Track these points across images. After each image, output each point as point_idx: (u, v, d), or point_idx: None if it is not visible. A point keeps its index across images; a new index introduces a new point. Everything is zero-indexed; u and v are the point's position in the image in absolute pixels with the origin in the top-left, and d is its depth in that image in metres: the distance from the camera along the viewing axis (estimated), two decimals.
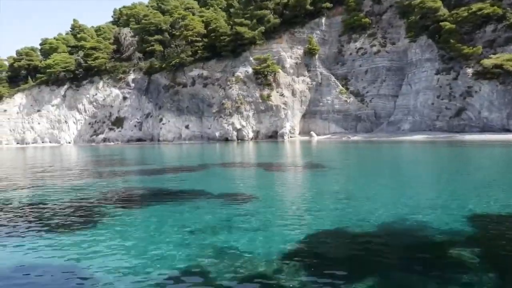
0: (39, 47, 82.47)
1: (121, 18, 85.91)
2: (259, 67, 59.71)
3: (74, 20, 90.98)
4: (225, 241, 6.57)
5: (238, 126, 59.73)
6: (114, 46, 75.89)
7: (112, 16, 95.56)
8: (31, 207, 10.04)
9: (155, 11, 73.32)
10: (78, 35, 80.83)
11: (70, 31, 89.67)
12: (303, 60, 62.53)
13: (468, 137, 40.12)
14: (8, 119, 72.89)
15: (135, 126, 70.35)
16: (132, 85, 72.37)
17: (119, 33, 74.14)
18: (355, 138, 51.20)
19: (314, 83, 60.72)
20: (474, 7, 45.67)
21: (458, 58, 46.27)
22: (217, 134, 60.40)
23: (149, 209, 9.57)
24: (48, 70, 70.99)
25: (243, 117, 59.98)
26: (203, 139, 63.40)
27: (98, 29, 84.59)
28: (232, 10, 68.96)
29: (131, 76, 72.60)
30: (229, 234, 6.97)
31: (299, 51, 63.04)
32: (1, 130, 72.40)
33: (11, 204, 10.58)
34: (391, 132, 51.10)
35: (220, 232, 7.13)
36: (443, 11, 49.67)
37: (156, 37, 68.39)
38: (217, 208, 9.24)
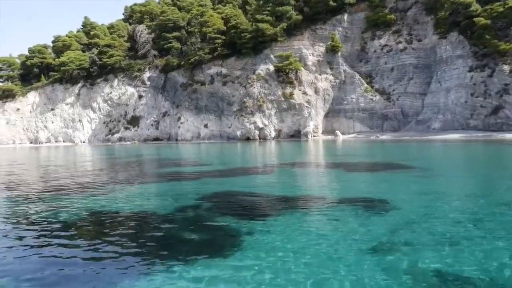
0: (51, 44, 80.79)
1: (134, 16, 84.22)
2: (281, 65, 58.30)
3: (85, 17, 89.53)
4: (433, 261, 5.18)
5: (260, 125, 58.32)
6: (128, 44, 74.49)
7: (123, 14, 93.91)
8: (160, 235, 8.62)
9: (173, 7, 71.74)
10: (91, 33, 79.31)
11: (81, 28, 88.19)
12: (325, 58, 61.14)
13: (509, 135, 38.74)
14: (21, 118, 71.43)
15: (151, 125, 68.90)
16: (148, 83, 70.94)
17: (134, 30, 72.50)
18: (384, 137, 49.84)
19: (337, 81, 59.32)
20: (511, 2, 44.27)
21: (493, 55, 44.95)
22: (238, 133, 58.98)
23: (286, 219, 8.05)
24: (62, 68, 69.53)
25: (265, 116, 58.58)
26: (222, 139, 61.97)
27: (110, 27, 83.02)
28: (251, 7, 67.49)
29: (147, 74, 71.18)
30: (418, 252, 5.56)
31: (321, 48, 61.68)
32: (14, 129, 70.92)
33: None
34: (420, 131, 49.71)
35: (407, 250, 5.71)
36: (476, 6, 48.30)
37: (174, 34, 66.91)
38: (362, 217, 7.82)
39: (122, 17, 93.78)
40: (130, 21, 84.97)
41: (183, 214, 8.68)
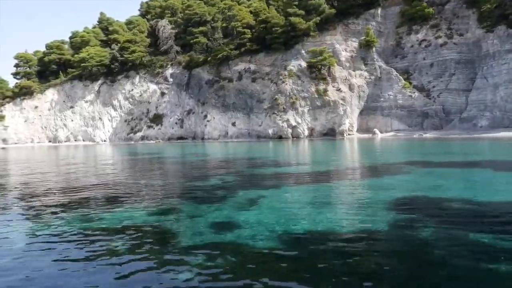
0: (67, 40, 78.41)
1: (152, 11, 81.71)
2: (314, 60, 56.01)
3: (101, 13, 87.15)
4: None
5: (293, 123, 56.03)
6: (149, 40, 72.15)
7: (139, 10, 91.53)
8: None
9: (198, 1, 69.35)
10: (109, 28, 76.93)
11: (97, 24, 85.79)
12: (359, 53, 58.90)
13: None
14: (40, 116, 69.04)
15: (175, 123, 66.58)
16: (171, 80, 68.63)
17: (155, 26, 70.11)
18: (428, 135, 47.53)
19: (372, 77, 57.04)
20: None
21: None
22: (270, 131, 56.67)
23: None
24: (82, 64, 67.13)
25: (298, 114, 56.29)
26: (250, 137, 59.64)
27: (128, 22, 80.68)
28: (277, 2, 65.09)
29: (169, 71, 68.87)
30: None
31: (353, 43, 59.44)
32: (32, 127, 68.54)
33: None
34: (466, 129, 47.42)
35: None
36: None
37: (201, 28, 64.54)
38: None
39: (138, 13, 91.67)
40: (147, 17, 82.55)
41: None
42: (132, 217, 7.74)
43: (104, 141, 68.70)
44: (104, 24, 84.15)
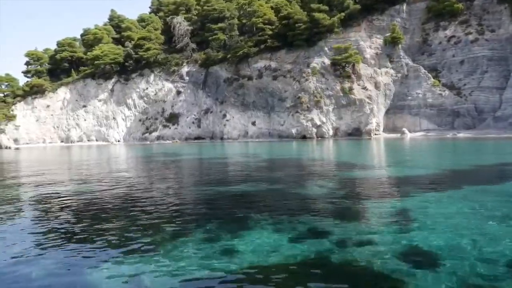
0: (78, 38, 76.38)
1: (165, 8, 79.52)
2: (339, 57, 54.09)
3: (112, 10, 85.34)
4: None
5: (318, 123, 54.10)
6: (163, 37, 70.14)
7: (150, 7, 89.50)
8: None
9: None
10: (122, 25, 74.93)
11: (108, 22, 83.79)
12: (384, 50, 57.06)
13: None
14: (52, 115, 66.96)
15: (192, 123, 64.56)
16: (186, 78, 66.66)
17: (171, 22, 68.05)
18: (461, 135, 45.62)
19: (399, 75, 55.17)
20: None
21: None
22: (293, 131, 54.73)
23: None
24: (96, 62, 65.06)
25: (322, 113, 54.38)
26: (271, 137, 57.68)
27: (140, 20, 78.69)
28: None
29: (185, 69, 66.89)
30: None
31: (378, 40, 57.62)
32: (44, 127, 66.45)
33: None
34: (501, 129, 45.50)
35: None
36: None
37: (220, 25, 62.54)
38: None
39: (148, 10, 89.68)
40: (159, 14, 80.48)
41: None
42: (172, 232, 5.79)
43: (118, 141, 66.65)
44: (115, 22, 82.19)
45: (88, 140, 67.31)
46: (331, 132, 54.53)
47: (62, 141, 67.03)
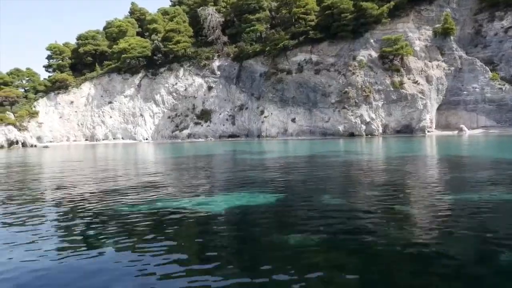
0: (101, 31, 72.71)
1: (189, 0, 75.90)
2: (390, 49, 50.60)
3: (133, 3, 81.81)
4: None
5: (367, 119, 50.64)
6: (191, 29, 66.55)
7: (171, 0, 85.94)
8: None
9: None
10: (148, 17, 71.34)
11: (129, 15, 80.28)
12: (433, 42, 53.61)
13: None
14: (76, 112, 63.36)
15: (226, 119, 61.05)
16: (218, 72, 63.14)
17: (201, 14, 64.40)
18: None
19: (452, 68, 51.71)
20: None
21: None
22: (340, 128, 51.28)
23: None
24: (123, 56, 61.41)
25: (372, 108, 50.92)
26: (313, 134, 54.19)
27: (164, 12, 75.07)
28: None
29: (216, 63, 63.38)
30: None
31: (427, 32, 54.18)
32: (68, 124, 62.85)
33: None
34: None
35: None
36: None
37: (258, 15, 58.99)
38: None
39: (169, 3, 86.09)
40: (181, 7, 76.78)
41: None
42: None
43: (146, 139, 63.09)
44: (137, 15, 78.77)
45: (114, 138, 63.76)
46: (380, 129, 51.09)
47: (86, 140, 63.47)
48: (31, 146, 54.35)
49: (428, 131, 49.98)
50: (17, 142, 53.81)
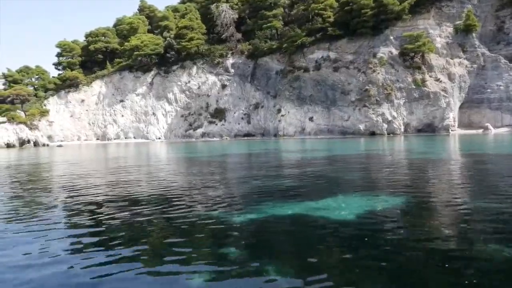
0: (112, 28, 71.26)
1: None
2: (411, 46, 49.45)
3: (142, 0, 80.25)
4: None
5: (389, 118, 49.51)
6: (204, 26, 65.21)
7: None
8: None
9: None
10: (158, 14, 70.06)
11: (138, 13, 78.86)
12: (455, 39, 52.50)
13: None
14: (87, 110, 62.01)
15: (241, 118, 59.83)
16: (232, 70, 61.90)
17: (215, 10, 63.07)
18: None
19: (474, 66, 50.62)
20: None
21: None
22: (361, 127, 50.14)
23: None
24: (135, 53, 60.08)
25: (393, 107, 49.80)
26: (331, 133, 52.99)
27: (174, 9, 73.77)
28: None
29: (230, 61, 62.13)
30: None
31: (448, 28, 53.07)
32: (79, 123, 61.50)
33: None
34: None
35: None
36: None
37: (275, 11, 57.74)
38: None
39: (178, 0, 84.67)
40: (192, 3, 75.38)
41: None
42: None
43: (159, 138, 61.81)
44: (146, 12, 77.35)
45: (126, 138, 62.42)
46: (402, 128, 49.97)
47: (97, 139, 62.15)
48: (43, 145, 53.01)
49: (451, 130, 48.90)
50: (28, 141, 52.45)
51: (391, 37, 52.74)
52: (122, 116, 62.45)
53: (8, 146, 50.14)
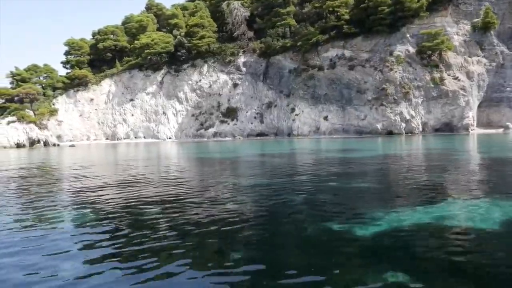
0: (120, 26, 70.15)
1: None
2: (430, 44, 48.57)
3: None
4: None
5: (407, 117, 48.65)
6: (215, 24, 64.25)
7: None
8: None
9: None
10: (167, 12, 69.03)
11: (145, 11, 77.76)
12: (472, 37, 51.69)
13: None
14: (96, 110, 60.99)
15: (254, 118, 58.88)
16: (244, 69, 60.95)
17: (226, 8, 62.09)
18: None
19: (493, 64, 49.83)
20: None
21: None
22: (378, 126, 49.27)
23: None
24: (146, 51, 59.07)
25: (411, 105, 48.94)
26: (346, 133, 52.06)
27: (183, 8, 72.70)
28: None
29: (241, 59, 61.17)
30: None
31: (465, 26, 52.22)
32: (88, 123, 60.47)
33: None
34: None
35: None
36: None
37: (289, 9, 56.81)
38: None
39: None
40: (202, 1, 74.34)
41: None
42: None
43: (169, 138, 60.81)
44: (154, 10, 76.24)
45: (135, 137, 61.42)
46: (420, 128, 49.11)
47: (107, 138, 61.12)
48: (54, 145, 51.98)
49: (471, 129, 48.08)
50: (38, 141, 51.44)
51: (408, 35, 51.85)
52: (132, 115, 61.45)
53: (18, 146, 49.13)
